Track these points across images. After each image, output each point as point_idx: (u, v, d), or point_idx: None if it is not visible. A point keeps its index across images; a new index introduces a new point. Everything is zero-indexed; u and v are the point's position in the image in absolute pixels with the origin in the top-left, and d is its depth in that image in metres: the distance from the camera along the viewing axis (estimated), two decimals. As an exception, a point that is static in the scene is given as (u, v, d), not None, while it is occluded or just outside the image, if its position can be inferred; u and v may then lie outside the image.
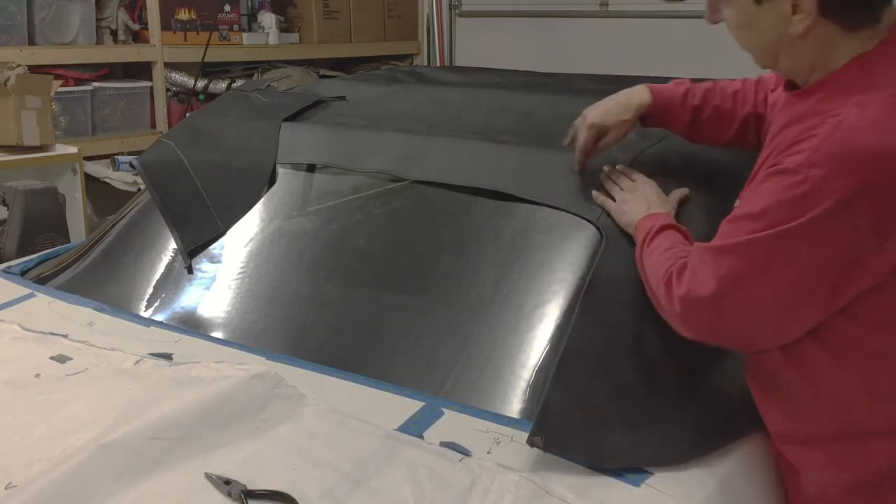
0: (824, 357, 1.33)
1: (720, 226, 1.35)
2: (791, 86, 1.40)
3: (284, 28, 5.05)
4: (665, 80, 1.73)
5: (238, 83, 4.59)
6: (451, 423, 1.40)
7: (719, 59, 2.31)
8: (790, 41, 1.31)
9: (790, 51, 1.33)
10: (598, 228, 1.60)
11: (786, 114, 1.36)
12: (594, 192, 1.64)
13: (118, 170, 4.11)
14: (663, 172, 1.67)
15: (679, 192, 1.62)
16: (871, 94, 1.23)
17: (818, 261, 1.24)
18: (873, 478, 1.35)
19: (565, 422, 1.33)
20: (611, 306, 1.48)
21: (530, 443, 1.29)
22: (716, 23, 1.40)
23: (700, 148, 1.72)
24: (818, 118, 1.25)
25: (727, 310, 1.31)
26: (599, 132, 1.65)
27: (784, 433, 1.42)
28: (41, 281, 2.06)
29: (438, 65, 5.52)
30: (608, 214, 1.60)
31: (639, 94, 1.64)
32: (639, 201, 1.56)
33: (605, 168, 1.67)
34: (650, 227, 1.48)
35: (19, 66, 3.58)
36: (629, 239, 1.55)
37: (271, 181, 2.02)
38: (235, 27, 4.79)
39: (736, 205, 1.38)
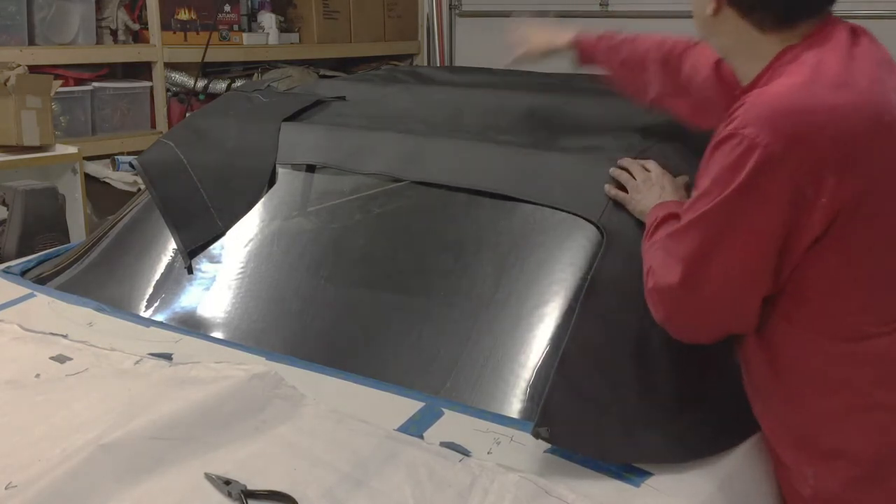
0: (797, 338, 1.35)
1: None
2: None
3: (284, 28, 5.04)
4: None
5: (238, 83, 4.59)
6: (451, 424, 1.40)
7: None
8: (711, 21, 1.44)
9: (713, 31, 1.47)
10: (598, 228, 1.60)
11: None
12: (606, 186, 1.64)
13: (118, 170, 4.10)
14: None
15: (682, 179, 1.63)
16: (796, 67, 1.33)
17: (768, 212, 1.28)
18: (870, 464, 1.35)
19: (569, 416, 1.33)
20: (612, 306, 1.48)
21: (535, 434, 1.28)
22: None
23: (702, 146, 1.71)
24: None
25: (700, 288, 1.33)
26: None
27: (777, 434, 1.42)
28: (41, 281, 2.06)
29: (438, 65, 5.52)
30: (622, 206, 1.60)
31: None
32: (653, 190, 1.58)
33: (619, 162, 1.67)
34: (656, 216, 1.49)
35: (19, 66, 3.58)
36: (630, 238, 1.55)
37: (271, 181, 2.02)
38: (235, 27, 4.79)
39: None
